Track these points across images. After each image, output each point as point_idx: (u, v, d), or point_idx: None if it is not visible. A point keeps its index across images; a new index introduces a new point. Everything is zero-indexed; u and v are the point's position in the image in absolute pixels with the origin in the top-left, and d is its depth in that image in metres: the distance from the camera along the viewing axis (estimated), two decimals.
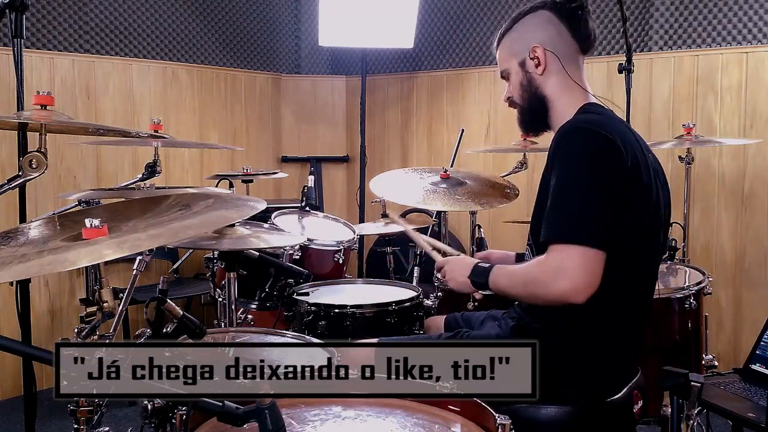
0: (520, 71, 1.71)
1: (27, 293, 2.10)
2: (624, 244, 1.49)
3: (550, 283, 1.45)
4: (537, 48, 1.67)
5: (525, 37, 1.70)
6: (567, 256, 1.44)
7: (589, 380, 1.57)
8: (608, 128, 1.52)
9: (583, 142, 1.50)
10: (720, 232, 3.69)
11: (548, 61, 1.67)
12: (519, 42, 1.71)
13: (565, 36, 1.68)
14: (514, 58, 1.71)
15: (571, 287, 1.42)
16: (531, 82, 1.70)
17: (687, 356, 2.40)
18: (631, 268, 1.55)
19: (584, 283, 1.42)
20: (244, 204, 1.48)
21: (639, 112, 3.76)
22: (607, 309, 1.55)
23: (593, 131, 1.51)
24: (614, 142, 1.49)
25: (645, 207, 1.55)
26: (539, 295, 1.50)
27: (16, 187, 1.61)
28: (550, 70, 1.68)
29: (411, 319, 2.24)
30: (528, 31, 1.70)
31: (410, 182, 2.84)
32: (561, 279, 1.43)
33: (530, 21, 1.71)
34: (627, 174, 1.49)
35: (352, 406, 1.37)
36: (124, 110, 4.09)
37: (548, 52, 1.67)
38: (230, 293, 2.19)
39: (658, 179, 1.63)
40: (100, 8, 3.99)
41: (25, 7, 1.96)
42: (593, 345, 1.58)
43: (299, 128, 5.13)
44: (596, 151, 1.48)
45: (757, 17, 3.55)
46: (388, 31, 4.47)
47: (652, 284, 1.68)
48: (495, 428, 1.21)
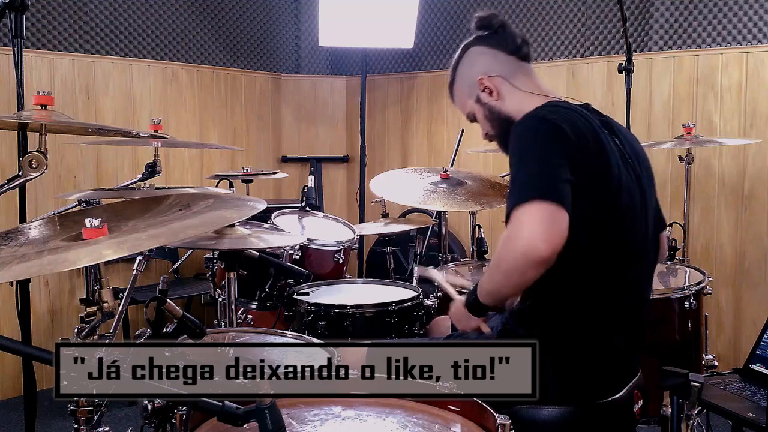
0: (479, 107, 1.77)
1: (27, 293, 2.10)
2: (596, 217, 1.49)
3: (510, 250, 1.42)
4: (482, 79, 1.74)
5: (469, 77, 1.78)
6: (521, 214, 1.41)
7: (579, 382, 1.57)
8: (551, 115, 1.56)
9: (526, 127, 1.56)
10: (720, 232, 3.70)
11: (497, 85, 1.73)
12: (466, 83, 1.79)
13: (500, 57, 1.75)
14: (469, 99, 1.79)
15: (530, 238, 1.38)
16: (492, 110, 1.76)
17: (687, 356, 2.40)
18: (607, 259, 1.54)
19: (542, 231, 1.38)
20: (244, 204, 1.48)
21: (639, 112, 3.76)
22: (591, 305, 1.55)
23: (536, 117, 1.57)
24: (556, 123, 1.52)
25: (604, 188, 1.53)
26: (508, 269, 1.44)
27: (16, 187, 1.61)
28: (503, 93, 1.74)
29: (411, 319, 2.24)
30: (469, 71, 1.78)
31: (410, 182, 2.84)
32: (520, 237, 1.40)
33: (466, 62, 1.79)
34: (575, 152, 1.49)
35: (352, 406, 1.37)
36: (124, 110, 4.10)
37: (493, 77, 1.74)
38: (230, 293, 2.19)
39: (632, 166, 1.62)
40: (100, 8, 3.99)
41: (25, 7, 1.96)
42: (579, 344, 1.57)
43: (299, 128, 5.13)
44: (539, 132, 1.52)
45: (757, 17, 3.55)
46: (388, 31, 4.47)
47: (638, 280, 1.66)
48: (495, 428, 1.21)
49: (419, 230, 3.32)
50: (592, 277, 1.54)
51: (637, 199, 1.59)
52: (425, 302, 2.30)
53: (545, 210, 1.40)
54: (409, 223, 3.45)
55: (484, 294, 1.60)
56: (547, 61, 4.19)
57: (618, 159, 1.57)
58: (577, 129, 1.52)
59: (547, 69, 4.16)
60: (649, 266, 1.70)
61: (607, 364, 1.60)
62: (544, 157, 1.48)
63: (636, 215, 1.59)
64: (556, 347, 1.55)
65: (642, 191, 1.62)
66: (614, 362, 1.62)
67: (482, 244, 3.00)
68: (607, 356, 1.60)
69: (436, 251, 3.24)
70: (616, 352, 1.62)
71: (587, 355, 1.58)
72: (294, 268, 2.37)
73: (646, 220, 1.64)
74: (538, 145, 1.51)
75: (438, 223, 3.32)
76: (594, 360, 1.58)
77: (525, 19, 4.28)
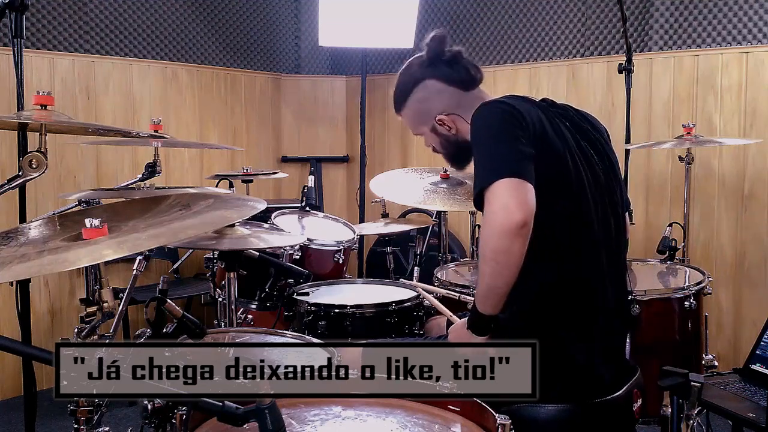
0: (435, 136, 1.84)
1: (27, 293, 2.10)
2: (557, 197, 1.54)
3: (490, 227, 1.45)
4: (442, 117, 1.79)
5: (424, 112, 1.82)
6: (490, 194, 1.45)
7: (569, 380, 1.57)
8: (505, 100, 1.62)
9: (483, 115, 1.60)
10: (720, 232, 3.69)
11: (455, 121, 1.79)
12: (422, 115, 1.83)
13: (455, 93, 1.79)
14: (423, 126, 1.84)
15: (503, 209, 1.42)
16: (448, 139, 1.83)
17: (687, 356, 2.40)
18: (582, 236, 1.58)
19: (513, 199, 1.42)
20: (244, 204, 1.48)
21: (639, 112, 3.76)
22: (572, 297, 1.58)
23: (491, 103, 1.63)
24: (511, 105, 1.57)
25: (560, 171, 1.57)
26: (494, 248, 1.46)
27: (16, 187, 1.61)
28: (459, 126, 1.79)
29: (411, 319, 2.24)
30: (424, 106, 1.81)
31: (410, 182, 2.84)
32: (494, 212, 1.44)
33: (420, 96, 1.81)
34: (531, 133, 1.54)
35: (352, 406, 1.37)
36: (124, 110, 4.10)
37: (450, 116, 1.79)
38: (230, 293, 2.19)
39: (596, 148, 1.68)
40: (100, 8, 3.99)
41: (25, 7, 1.96)
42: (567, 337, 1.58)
43: (299, 128, 5.13)
44: (495, 113, 1.57)
45: (757, 17, 3.55)
46: (388, 31, 4.47)
47: (616, 266, 1.68)
48: (495, 428, 1.21)
49: (419, 230, 3.31)
50: (563, 263, 1.57)
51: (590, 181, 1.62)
52: (425, 302, 2.29)
53: (511, 183, 1.44)
54: (409, 223, 3.45)
55: (482, 300, 1.55)
56: (547, 61, 4.19)
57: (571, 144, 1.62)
58: (528, 111, 1.58)
59: (547, 69, 4.16)
60: (620, 249, 1.72)
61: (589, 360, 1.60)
62: (503, 136, 1.53)
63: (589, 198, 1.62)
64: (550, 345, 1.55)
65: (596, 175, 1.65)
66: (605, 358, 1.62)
67: None
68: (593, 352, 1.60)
69: (436, 251, 3.25)
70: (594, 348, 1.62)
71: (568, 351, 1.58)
72: (294, 268, 2.37)
73: (604, 204, 1.66)
74: (496, 125, 1.55)
75: (438, 223, 3.32)
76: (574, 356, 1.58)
77: (525, 19, 4.28)
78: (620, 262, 1.73)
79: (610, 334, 1.66)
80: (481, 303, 1.55)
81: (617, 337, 1.73)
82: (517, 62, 4.30)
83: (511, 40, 4.32)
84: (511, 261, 1.46)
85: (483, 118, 1.60)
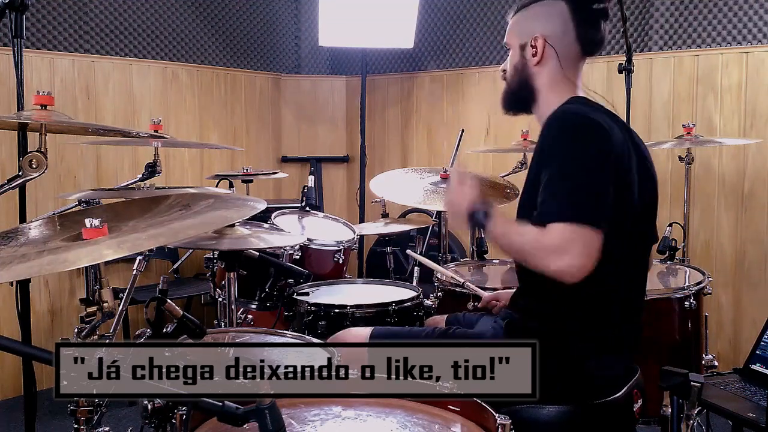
0: (518, 54, 1.71)
1: (27, 293, 2.10)
2: (618, 226, 1.49)
3: (547, 260, 1.43)
4: (539, 39, 1.66)
5: (532, 23, 1.69)
6: (567, 236, 1.41)
7: (586, 380, 1.57)
8: (591, 113, 1.56)
9: (571, 126, 1.54)
10: (720, 232, 3.69)
11: (546, 55, 1.67)
12: (526, 25, 1.70)
13: (570, 36, 1.66)
14: (517, 38, 1.71)
15: (568, 266, 1.40)
16: (524, 68, 1.70)
17: (687, 356, 2.40)
18: (623, 255, 1.55)
19: (581, 263, 1.40)
20: (244, 204, 1.48)
21: (639, 112, 3.76)
22: (601, 303, 1.56)
23: (579, 115, 1.56)
24: (600, 124, 1.52)
25: (630, 193, 1.55)
26: (532, 264, 1.47)
27: (16, 187, 1.61)
28: (545, 63, 1.68)
29: (411, 319, 2.24)
30: (538, 18, 1.68)
31: (410, 182, 2.84)
32: (560, 258, 1.41)
33: (544, 8, 1.68)
34: (615, 153, 1.51)
35: (352, 406, 1.36)
36: (124, 110, 4.09)
37: (548, 46, 1.66)
38: (230, 293, 2.19)
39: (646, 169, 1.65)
40: (100, 8, 3.99)
41: (25, 7, 1.96)
42: (588, 343, 1.58)
43: (299, 128, 5.13)
44: (584, 133, 1.51)
45: (757, 17, 3.55)
46: (388, 31, 4.47)
47: (643, 275, 1.68)
48: (495, 428, 1.21)
49: (419, 230, 3.32)
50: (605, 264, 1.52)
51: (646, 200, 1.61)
52: (425, 302, 2.30)
53: (589, 239, 1.41)
54: (409, 223, 3.45)
55: (499, 235, 1.55)
56: None
57: (633, 155, 1.59)
58: (611, 127, 1.53)
59: None
60: (648, 255, 1.72)
61: (610, 360, 1.60)
62: (592, 165, 1.47)
63: (645, 212, 1.62)
64: (563, 343, 1.55)
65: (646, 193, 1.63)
66: (617, 359, 1.62)
67: (482, 244, 3.00)
68: (612, 351, 1.60)
69: (436, 251, 3.24)
70: (621, 347, 1.62)
71: (593, 350, 1.58)
72: (294, 268, 2.37)
73: (653, 218, 1.67)
74: (582, 149, 1.49)
75: (438, 223, 3.32)
76: (599, 356, 1.58)
77: None
78: (646, 274, 1.72)
79: (628, 340, 1.66)
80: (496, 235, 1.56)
81: (633, 343, 1.70)
82: None
83: None
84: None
85: (571, 128, 1.53)
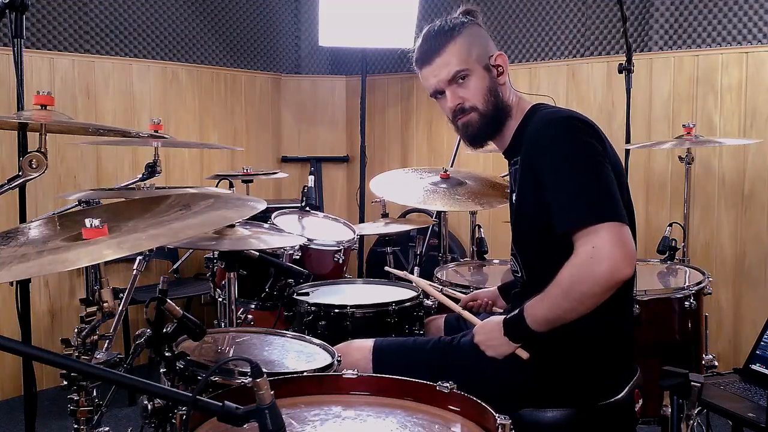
0: (486, 76, 1.63)
1: (27, 293, 2.10)
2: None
3: (591, 273, 1.38)
4: (500, 56, 1.64)
5: (482, 44, 1.64)
6: (595, 238, 1.38)
7: (590, 382, 1.57)
8: (576, 113, 1.56)
9: (566, 127, 1.51)
10: (720, 232, 3.69)
11: (505, 70, 1.66)
12: (478, 47, 1.63)
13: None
14: (475, 61, 1.62)
15: (612, 265, 1.36)
16: (496, 90, 1.64)
17: (687, 356, 2.40)
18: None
19: (622, 255, 1.36)
20: (244, 204, 1.47)
21: (639, 112, 3.76)
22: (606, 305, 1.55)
23: (572, 116, 1.54)
24: (591, 122, 1.53)
25: (621, 185, 1.55)
26: (586, 292, 1.40)
27: (16, 187, 1.61)
28: (504, 79, 1.66)
29: (411, 319, 2.24)
30: (482, 39, 1.65)
31: (410, 182, 2.84)
32: (599, 262, 1.37)
33: (475, 32, 1.65)
34: (606, 148, 1.52)
35: (352, 406, 1.37)
36: (124, 110, 4.10)
37: (503, 61, 1.65)
38: (230, 293, 2.19)
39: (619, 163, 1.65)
40: (100, 8, 3.99)
41: (25, 7, 1.96)
42: (593, 345, 1.58)
43: (299, 128, 5.13)
44: (581, 132, 1.50)
45: (757, 17, 3.55)
46: (388, 31, 4.47)
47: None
48: (495, 428, 1.21)
49: (419, 230, 3.31)
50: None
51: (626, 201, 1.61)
52: (425, 302, 2.29)
53: (619, 232, 1.39)
54: (409, 223, 3.44)
55: (540, 321, 1.49)
56: (547, 61, 4.19)
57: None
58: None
59: (547, 69, 4.16)
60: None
61: (614, 361, 1.60)
62: (591, 162, 1.46)
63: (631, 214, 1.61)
64: (568, 345, 1.55)
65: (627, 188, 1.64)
66: (621, 360, 1.62)
67: (482, 244, 3.00)
68: (616, 352, 1.60)
69: (436, 251, 3.25)
70: (624, 348, 1.63)
71: (598, 352, 1.58)
72: (294, 268, 2.37)
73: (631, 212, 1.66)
74: (583, 149, 1.48)
75: (438, 223, 3.32)
76: (603, 358, 1.58)
77: (525, 19, 4.28)
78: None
79: (628, 340, 1.66)
80: (539, 323, 1.49)
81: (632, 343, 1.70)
82: (516, 62, 4.29)
83: (510, 40, 4.32)
84: (595, 305, 1.42)
85: (576, 133, 1.49)
